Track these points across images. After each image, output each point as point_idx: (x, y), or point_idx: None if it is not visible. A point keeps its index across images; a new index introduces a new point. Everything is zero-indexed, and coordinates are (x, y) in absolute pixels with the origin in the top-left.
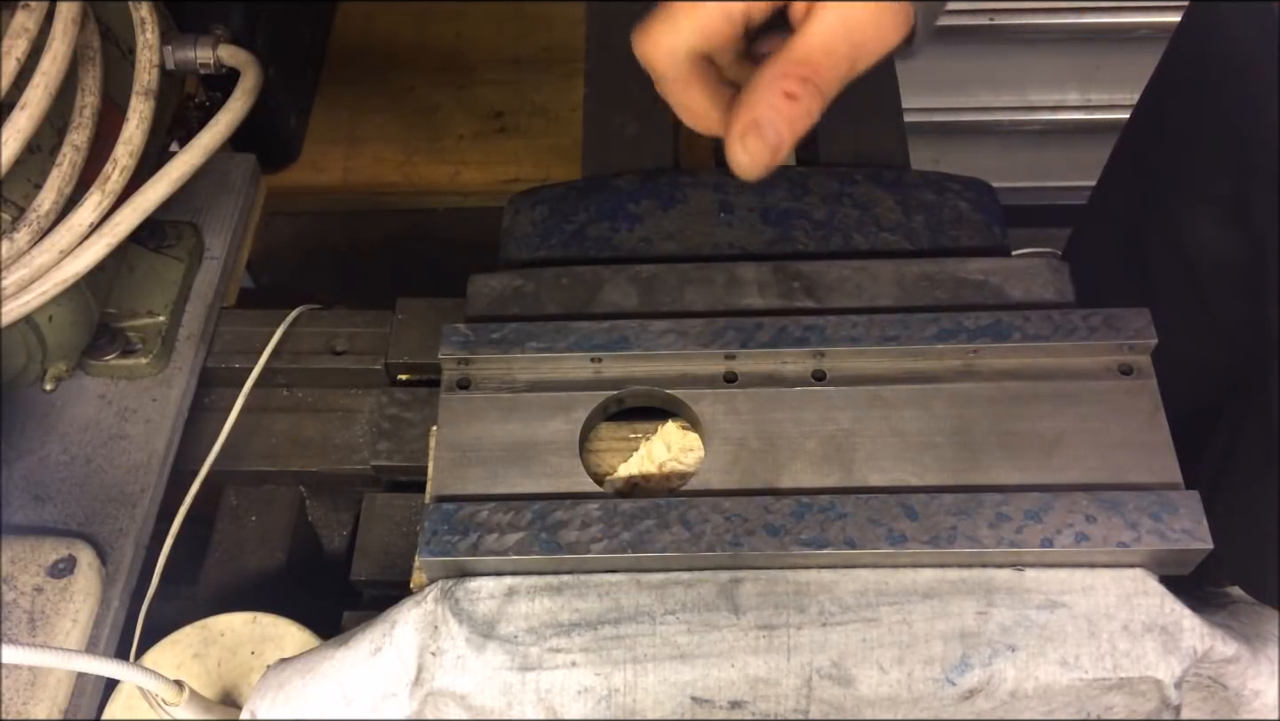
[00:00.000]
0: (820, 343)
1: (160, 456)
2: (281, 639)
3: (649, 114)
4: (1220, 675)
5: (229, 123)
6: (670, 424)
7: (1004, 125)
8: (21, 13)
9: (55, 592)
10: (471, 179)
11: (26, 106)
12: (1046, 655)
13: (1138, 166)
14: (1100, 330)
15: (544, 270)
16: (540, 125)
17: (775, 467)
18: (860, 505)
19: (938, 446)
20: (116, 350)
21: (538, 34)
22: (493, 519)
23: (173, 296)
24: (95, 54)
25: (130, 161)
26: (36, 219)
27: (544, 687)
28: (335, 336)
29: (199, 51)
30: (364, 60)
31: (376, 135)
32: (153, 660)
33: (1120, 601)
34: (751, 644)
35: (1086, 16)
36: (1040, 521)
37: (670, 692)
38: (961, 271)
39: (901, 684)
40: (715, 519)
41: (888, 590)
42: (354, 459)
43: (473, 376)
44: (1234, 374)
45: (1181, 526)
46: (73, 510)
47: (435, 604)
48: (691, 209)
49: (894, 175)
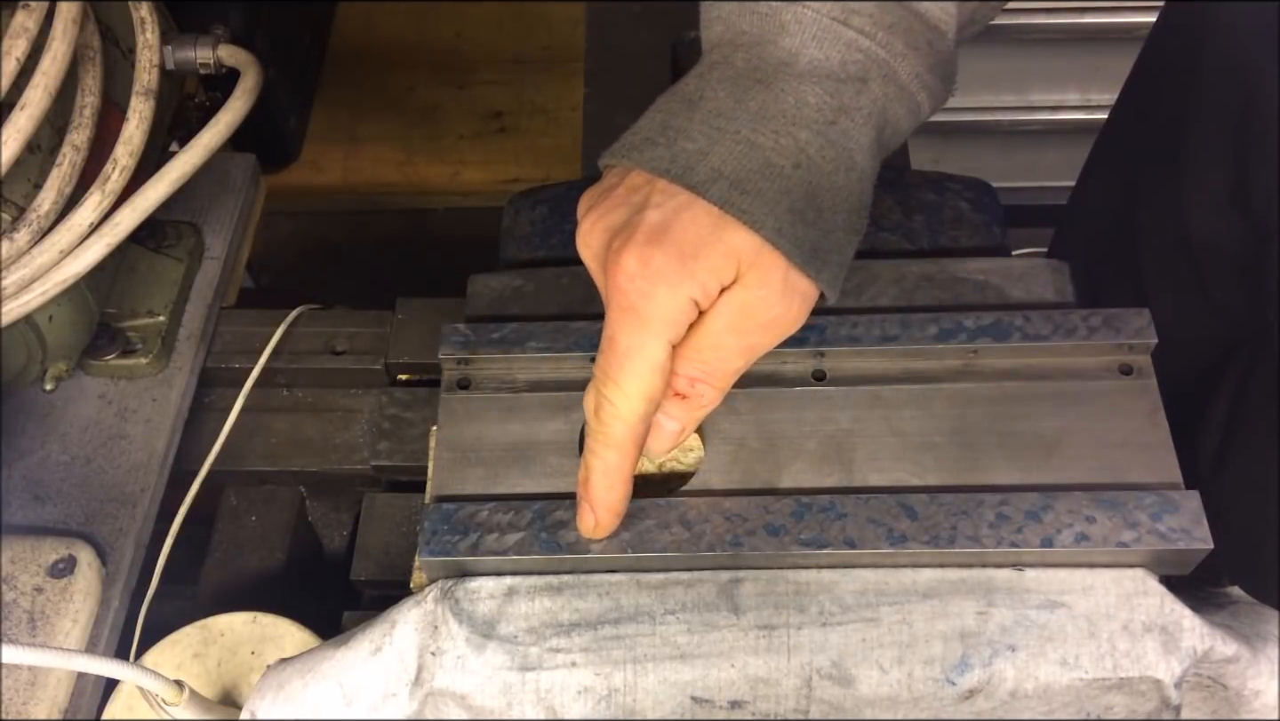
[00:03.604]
0: (820, 342)
1: (160, 456)
2: (281, 639)
3: None
4: (1220, 675)
5: (229, 123)
6: None
7: (1004, 125)
8: (21, 13)
9: (55, 592)
10: (471, 179)
11: (26, 106)
12: (1046, 655)
13: (1126, 156)
14: (1100, 330)
15: (544, 270)
16: (540, 125)
17: (775, 467)
18: (860, 505)
19: (938, 446)
20: (116, 350)
21: (538, 34)
22: (493, 519)
23: (173, 296)
24: (95, 54)
25: (130, 161)
26: (36, 219)
27: (544, 687)
28: (335, 336)
29: (199, 51)
30: (364, 60)
31: (376, 135)
32: (153, 660)
33: (1120, 601)
34: (751, 644)
35: (1086, 16)
36: (1040, 521)
37: (670, 692)
38: (961, 271)
39: (901, 684)
40: (715, 519)
41: (888, 590)
42: (354, 459)
43: (473, 376)
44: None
45: (1181, 526)
46: (73, 510)
47: (435, 604)
48: None
49: (894, 175)
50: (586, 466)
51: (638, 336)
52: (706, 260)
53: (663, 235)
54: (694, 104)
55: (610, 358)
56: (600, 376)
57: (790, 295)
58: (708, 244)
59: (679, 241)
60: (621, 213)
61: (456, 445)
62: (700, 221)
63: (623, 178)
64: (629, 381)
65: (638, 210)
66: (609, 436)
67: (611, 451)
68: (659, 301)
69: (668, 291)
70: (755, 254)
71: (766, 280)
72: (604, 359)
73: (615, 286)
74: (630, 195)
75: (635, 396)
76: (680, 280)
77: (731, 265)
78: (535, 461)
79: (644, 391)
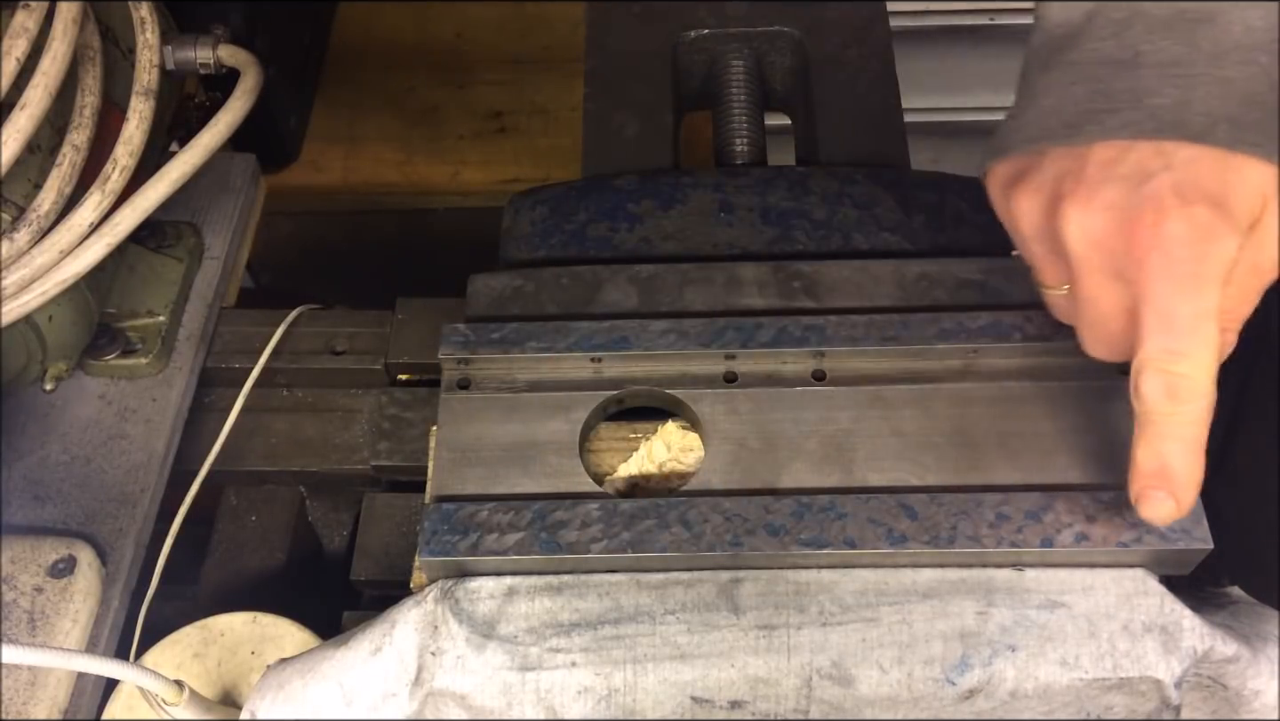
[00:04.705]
0: (820, 342)
1: (160, 456)
2: (281, 639)
3: (649, 114)
4: (1220, 675)
5: (229, 123)
6: (670, 424)
7: None
8: (21, 13)
9: (55, 592)
10: (471, 179)
11: (26, 106)
12: (1046, 655)
13: None
14: None
15: (544, 270)
16: (540, 125)
17: (775, 467)
18: (860, 505)
19: (938, 446)
20: (116, 350)
21: (538, 34)
22: (493, 519)
23: (173, 296)
24: (95, 54)
25: (130, 161)
26: (36, 219)
27: (544, 687)
28: (335, 336)
29: (199, 51)
30: (364, 60)
31: (376, 135)
32: (153, 660)
33: (1120, 601)
34: (751, 644)
35: None
36: (1040, 521)
37: (670, 692)
38: (961, 271)
39: (901, 684)
40: (715, 519)
41: (888, 590)
42: (354, 459)
43: (473, 376)
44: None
45: (1181, 526)
46: (73, 510)
47: (435, 604)
48: (691, 209)
49: (894, 175)
50: (1161, 454)
51: (1202, 300)
52: (1240, 204)
53: (1194, 192)
54: (1132, 63)
55: (1173, 333)
56: (1166, 357)
57: None
58: (1234, 187)
59: (1210, 194)
60: (1118, 187)
61: (456, 445)
62: (1218, 167)
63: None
64: (1202, 351)
65: (1144, 179)
66: (1190, 415)
67: (1194, 428)
68: (1215, 258)
69: (1220, 246)
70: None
71: None
72: (1164, 337)
73: (1165, 257)
74: (1110, 169)
75: (1210, 364)
76: (1228, 231)
77: (1259, 200)
78: (535, 461)
79: (1216, 356)
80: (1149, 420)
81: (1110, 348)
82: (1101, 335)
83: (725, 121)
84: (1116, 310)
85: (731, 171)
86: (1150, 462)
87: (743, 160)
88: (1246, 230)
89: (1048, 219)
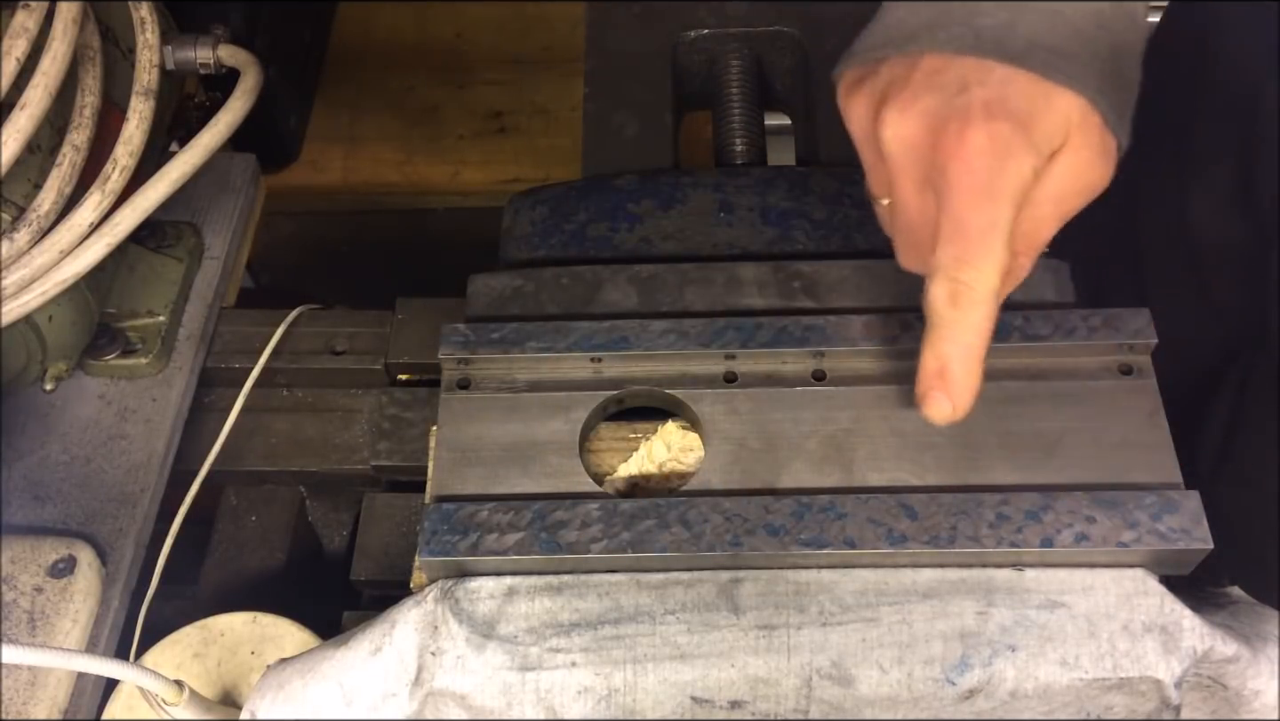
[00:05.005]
0: (820, 342)
1: (160, 456)
2: (281, 639)
3: (649, 114)
4: (1220, 675)
5: (229, 123)
6: (670, 424)
7: None
8: (21, 13)
9: (55, 592)
10: (471, 179)
11: (26, 106)
12: (1046, 655)
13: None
14: (1100, 330)
15: (544, 270)
16: (540, 125)
17: (775, 467)
18: (860, 505)
19: (938, 446)
20: (116, 350)
21: (538, 34)
22: (493, 519)
23: (173, 296)
24: (95, 54)
25: (130, 161)
26: (36, 219)
27: (544, 687)
28: (335, 336)
29: (199, 51)
30: (364, 60)
31: (376, 135)
32: (153, 660)
33: (1120, 601)
34: (751, 644)
35: None
36: (1040, 521)
37: (670, 692)
38: None
39: (901, 684)
40: (715, 519)
41: (888, 590)
42: (354, 459)
43: (473, 376)
44: (1234, 356)
45: (1181, 526)
46: (73, 510)
47: (435, 604)
48: (691, 209)
49: None
50: (941, 356)
51: (993, 212)
52: (1043, 127)
53: (1000, 109)
54: None
55: (963, 242)
56: (952, 264)
57: (1106, 155)
58: (1041, 112)
59: (1016, 113)
60: (936, 96)
61: (456, 445)
62: (1029, 91)
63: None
64: (986, 261)
65: (958, 91)
66: (969, 321)
67: (972, 335)
68: (1011, 174)
69: (1017, 164)
70: (1082, 116)
71: (1089, 141)
72: (954, 246)
73: (963, 166)
74: (933, 78)
75: (994, 275)
76: (1027, 150)
77: (1063, 130)
78: (535, 461)
79: (1000, 268)
80: (933, 324)
81: (920, 258)
82: (911, 242)
83: (725, 121)
84: (925, 219)
85: (731, 171)
86: (932, 364)
87: (743, 160)
88: (1047, 155)
89: (873, 123)
